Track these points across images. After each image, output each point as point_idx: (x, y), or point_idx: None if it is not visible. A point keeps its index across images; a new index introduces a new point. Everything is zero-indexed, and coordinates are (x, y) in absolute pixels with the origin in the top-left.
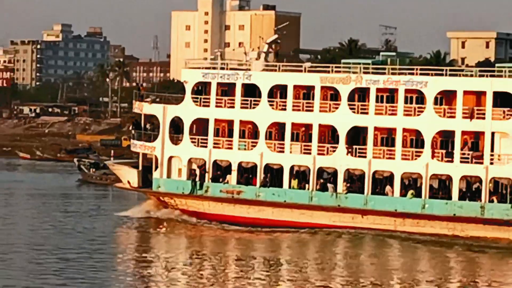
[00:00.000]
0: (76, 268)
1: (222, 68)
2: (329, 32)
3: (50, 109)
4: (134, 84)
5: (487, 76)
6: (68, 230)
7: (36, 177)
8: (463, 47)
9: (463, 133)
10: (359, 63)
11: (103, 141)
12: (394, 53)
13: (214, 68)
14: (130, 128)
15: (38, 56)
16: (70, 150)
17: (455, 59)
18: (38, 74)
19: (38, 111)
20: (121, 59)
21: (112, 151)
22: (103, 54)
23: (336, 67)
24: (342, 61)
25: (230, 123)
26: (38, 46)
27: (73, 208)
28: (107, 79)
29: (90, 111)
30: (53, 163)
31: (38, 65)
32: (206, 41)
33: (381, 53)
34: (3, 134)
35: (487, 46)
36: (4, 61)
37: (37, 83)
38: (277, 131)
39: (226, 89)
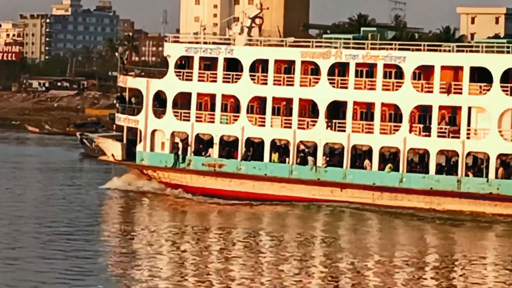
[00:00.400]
0: (67, 240)
1: (205, 43)
2: (339, 7)
3: (59, 83)
4: (143, 58)
5: (466, 51)
6: (61, 203)
7: (43, 151)
8: (472, 22)
9: (441, 107)
10: (340, 38)
11: (112, 115)
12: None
13: (197, 42)
14: (115, 101)
15: (47, 30)
16: (78, 124)
17: (465, 35)
18: (47, 48)
19: (47, 85)
20: (130, 34)
21: (115, 125)
22: (112, 28)
23: (317, 41)
24: (324, 36)
25: (213, 97)
26: (47, 20)
27: (71, 181)
28: (116, 54)
29: (99, 85)
30: (61, 137)
31: (47, 39)
32: (215, 15)
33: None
34: (12, 108)
35: (497, 22)
36: (14, 35)
37: (46, 57)
38: (258, 105)
39: (209, 64)
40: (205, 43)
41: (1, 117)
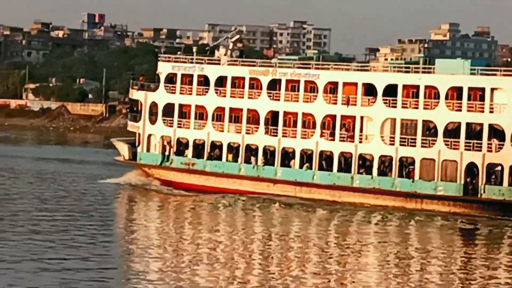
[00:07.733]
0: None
1: (184, 62)
2: None
3: None
4: None
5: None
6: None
7: None
8: None
9: (343, 117)
10: (287, 59)
11: None
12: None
13: (181, 61)
14: (127, 111)
15: (426, 54)
16: None
17: None
18: None
19: None
20: (509, 59)
21: None
22: (490, 54)
23: (262, 61)
24: (278, 57)
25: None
26: (426, 45)
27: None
28: None
29: None
30: None
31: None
32: None
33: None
34: None
35: None
36: (391, 59)
37: None
38: (223, 114)
39: (191, 79)
40: (183, 62)
41: None
